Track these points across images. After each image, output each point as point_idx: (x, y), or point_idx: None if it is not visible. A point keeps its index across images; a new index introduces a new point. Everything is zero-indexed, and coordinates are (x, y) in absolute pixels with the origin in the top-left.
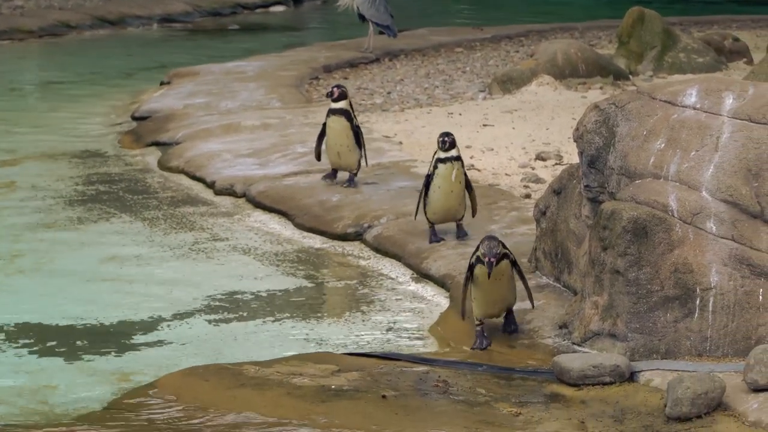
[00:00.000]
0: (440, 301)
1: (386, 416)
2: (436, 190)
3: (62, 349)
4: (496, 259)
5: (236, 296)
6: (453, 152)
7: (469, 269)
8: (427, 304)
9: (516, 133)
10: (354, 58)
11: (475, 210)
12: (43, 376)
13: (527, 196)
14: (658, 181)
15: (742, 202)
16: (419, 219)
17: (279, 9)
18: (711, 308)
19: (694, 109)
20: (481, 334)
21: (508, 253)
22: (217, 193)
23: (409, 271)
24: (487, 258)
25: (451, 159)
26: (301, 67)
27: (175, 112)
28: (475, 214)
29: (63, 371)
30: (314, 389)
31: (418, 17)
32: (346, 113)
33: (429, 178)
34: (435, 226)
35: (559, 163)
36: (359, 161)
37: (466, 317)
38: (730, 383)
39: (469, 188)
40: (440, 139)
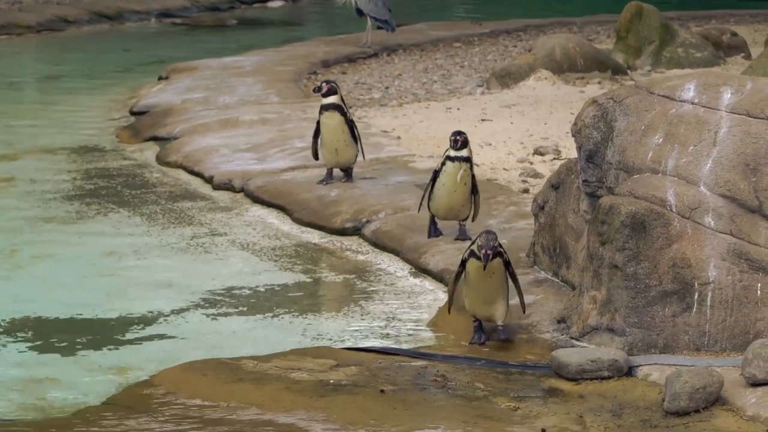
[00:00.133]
0: (438, 296)
1: (385, 411)
2: (441, 187)
3: (60, 344)
4: (492, 253)
5: (234, 291)
6: (464, 152)
7: (461, 264)
8: (426, 299)
9: (514, 128)
10: (352, 53)
11: (475, 215)
12: (40, 371)
13: (525, 191)
14: (657, 176)
15: (741, 196)
16: (421, 213)
17: (277, 4)
18: (709, 303)
19: (692, 103)
20: (479, 329)
21: (503, 252)
22: (216, 187)
23: (407, 266)
24: (484, 250)
25: (460, 159)
26: (299, 62)
27: (174, 107)
28: (474, 219)
29: (61, 366)
30: (313, 384)
31: (416, 12)
32: (339, 108)
33: (436, 174)
34: (436, 220)
35: (558, 158)
36: (356, 155)
37: (450, 311)
38: (729, 378)
39: (474, 191)
40: (452, 138)
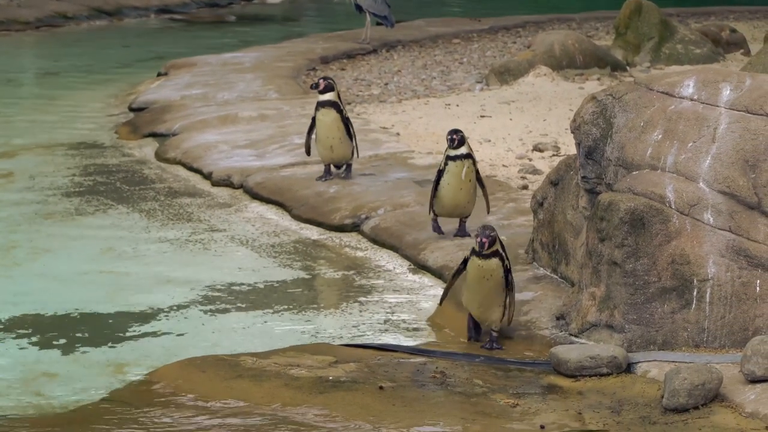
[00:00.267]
0: (437, 293)
1: (383, 407)
2: (446, 187)
3: (59, 340)
4: (489, 241)
5: (233, 287)
6: (463, 150)
7: (463, 262)
8: (424, 296)
9: (513, 125)
10: (351, 50)
11: (488, 207)
12: (39, 368)
13: (524, 188)
14: (656, 173)
15: (740, 193)
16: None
17: (276, 0)
18: (708, 299)
19: (692, 100)
20: (476, 330)
21: (504, 257)
22: (215, 184)
23: (406, 262)
24: (479, 238)
25: (462, 157)
26: (298, 59)
27: (173, 103)
28: (488, 211)
29: (60, 363)
30: (311, 380)
31: (416, 8)
32: (335, 105)
33: (440, 174)
34: (439, 219)
35: (557, 155)
36: (352, 152)
37: (442, 302)
38: (727, 374)
39: (481, 185)
40: (448, 137)
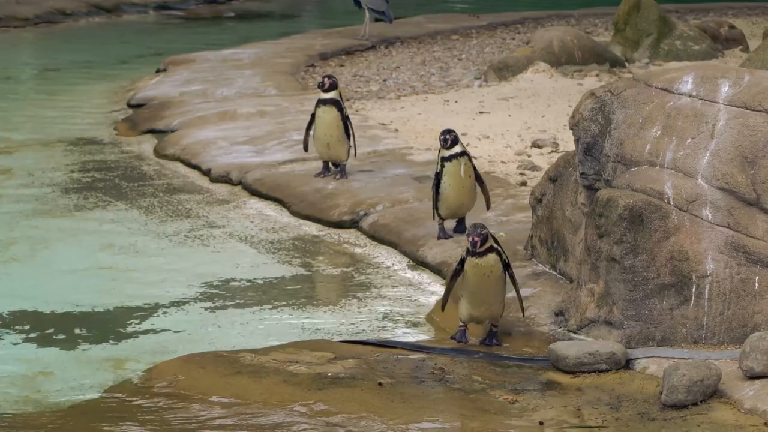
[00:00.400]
0: (436, 289)
1: (382, 404)
2: (447, 188)
3: (58, 337)
4: (481, 239)
5: (232, 284)
6: (456, 149)
7: (460, 263)
8: (423, 292)
9: (512, 121)
10: (350, 46)
11: (488, 203)
12: (38, 364)
13: (523, 184)
14: (654, 169)
15: (738, 189)
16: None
17: None
18: (707, 296)
19: (690, 96)
20: (463, 334)
21: (501, 252)
22: (213, 180)
23: (405, 259)
24: (471, 237)
25: (456, 155)
26: (297, 55)
27: (171, 100)
28: (489, 206)
29: (58, 359)
30: (310, 377)
31: (415, 4)
32: (336, 103)
33: (438, 177)
34: (445, 222)
35: (555, 151)
36: (348, 151)
37: (444, 308)
38: (726, 370)
39: (480, 181)
40: (441, 138)
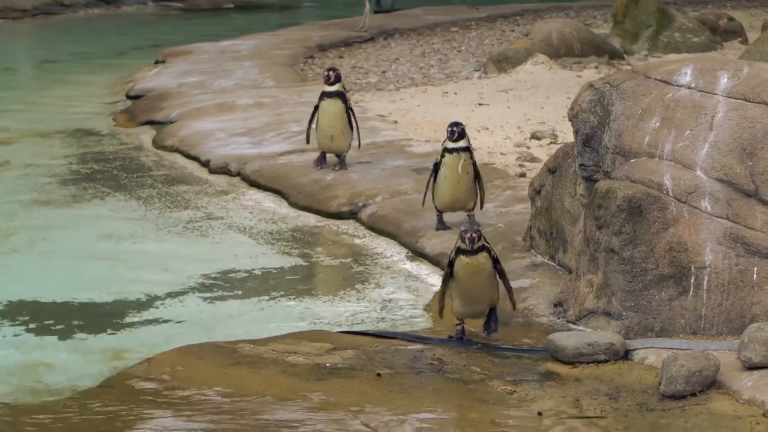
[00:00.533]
0: (435, 280)
1: (381, 394)
2: (443, 180)
3: (57, 328)
4: (478, 236)
5: (231, 274)
6: (461, 143)
7: (449, 265)
8: (422, 283)
9: (511, 112)
10: (348, 37)
11: (482, 202)
12: (37, 355)
13: (522, 175)
14: (653, 160)
15: (737, 181)
16: (417, 198)
17: None
18: (705, 287)
19: (689, 88)
20: (462, 332)
21: (490, 249)
22: (212, 171)
23: (403, 250)
24: (469, 234)
25: (459, 150)
26: (295, 46)
27: (170, 91)
28: (482, 206)
29: (57, 349)
30: (309, 367)
31: None
32: (341, 95)
33: (437, 166)
34: (443, 214)
35: (554, 142)
36: (350, 144)
37: (442, 314)
38: (725, 361)
39: (478, 179)
40: (448, 129)
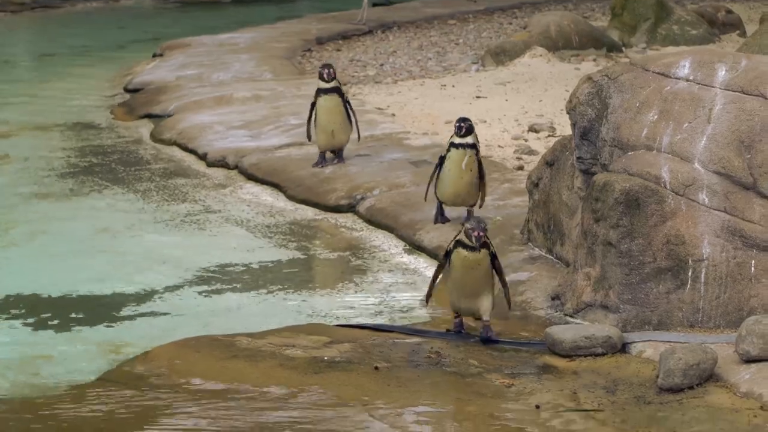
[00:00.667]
0: (432, 273)
1: (378, 387)
2: (447, 174)
3: (55, 321)
4: (484, 235)
5: (228, 268)
6: (468, 139)
7: (446, 255)
8: (420, 276)
9: (509, 105)
10: (346, 30)
11: (482, 201)
12: (34, 348)
13: (520, 168)
14: (651, 153)
15: (735, 173)
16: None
17: None
18: (703, 280)
19: (687, 81)
20: (459, 326)
21: (489, 244)
22: (210, 164)
23: (401, 243)
24: (476, 232)
25: (465, 146)
26: (293, 39)
27: (168, 84)
28: (481, 205)
29: (55, 343)
30: (307, 360)
31: None
32: (337, 90)
33: (442, 160)
34: (443, 206)
35: (552, 135)
36: (349, 137)
37: (429, 303)
38: (722, 354)
39: (481, 178)
40: (456, 125)
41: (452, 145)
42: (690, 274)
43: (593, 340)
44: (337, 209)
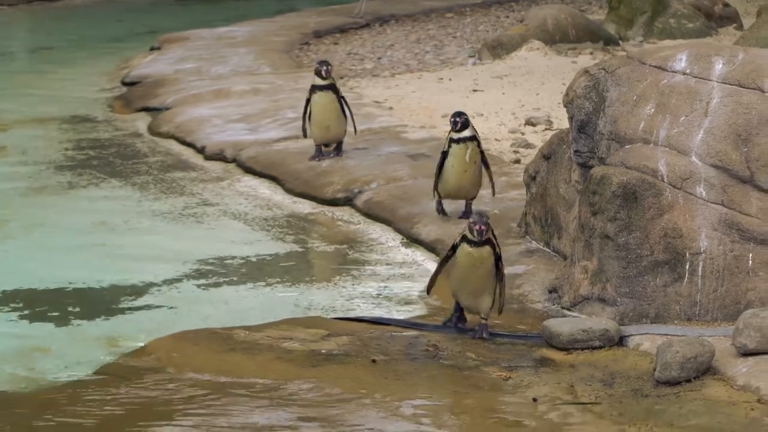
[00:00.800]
0: (430, 266)
1: (376, 381)
2: (450, 169)
3: (52, 314)
4: (486, 229)
5: (226, 261)
6: (466, 132)
7: (452, 248)
8: (417, 269)
9: (506, 99)
10: (344, 24)
11: (493, 190)
12: (32, 341)
13: (517, 161)
14: (648, 146)
15: (732, 167)
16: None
17: None
18: (700, 273)
19: (684, 74)
20: (457, 319)
21: (495, 244)
22: (208, 158)
23: (399, 236)
24: (478, 226)
25: (465, 139)
26: (291, 33)
27: (166, 78)
28: (494, 192)
29: (53, 336)
30: (304, 353)
31: None
32: (332, 87)
33: (444, 156)
34: (443, 200)
35: (549, 129)
36: (345, 130)
37: (429, 292)
38: (720, 347)
39: (486, 167)
40: (451, 120)
41: (452, 141)
42: (687, 267)
43: (590, 333)
44: (334, 202)
